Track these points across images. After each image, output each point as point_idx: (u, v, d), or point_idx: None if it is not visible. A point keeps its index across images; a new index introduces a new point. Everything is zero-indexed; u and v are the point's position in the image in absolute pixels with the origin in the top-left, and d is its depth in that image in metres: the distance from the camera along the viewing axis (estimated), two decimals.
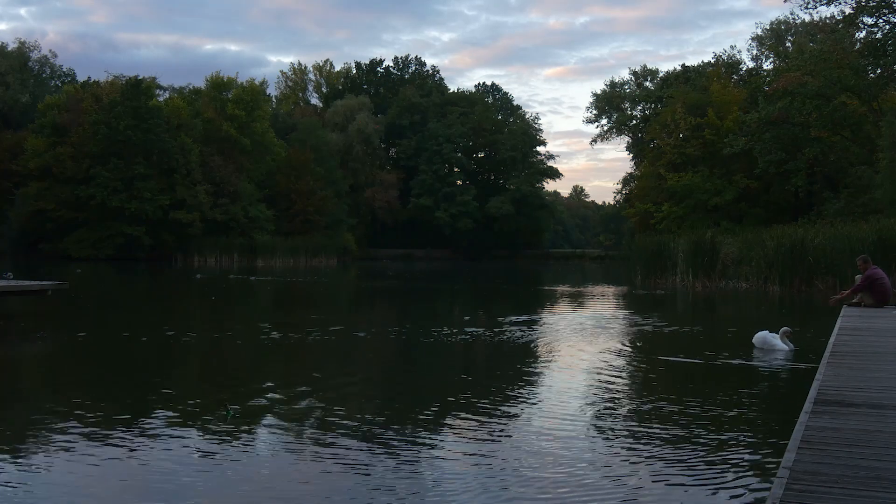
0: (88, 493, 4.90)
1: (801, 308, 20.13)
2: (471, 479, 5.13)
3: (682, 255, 29.17)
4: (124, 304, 21.43)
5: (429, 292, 28.08)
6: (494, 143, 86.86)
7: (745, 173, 45.55)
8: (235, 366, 10.28)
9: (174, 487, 4.95)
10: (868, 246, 21.72)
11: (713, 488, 4.93)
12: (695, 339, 13.36)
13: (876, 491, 3.17)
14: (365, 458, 5.56)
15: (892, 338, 8.61)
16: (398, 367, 10.74)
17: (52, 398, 7.77)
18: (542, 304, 22.13)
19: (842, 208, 35.75)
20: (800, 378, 8.70)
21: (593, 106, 72.72)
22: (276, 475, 5.22)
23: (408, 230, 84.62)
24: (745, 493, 4.85)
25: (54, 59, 77.65)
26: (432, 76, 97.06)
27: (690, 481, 5.07)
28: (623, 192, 71.41)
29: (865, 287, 12.89)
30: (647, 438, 6.16)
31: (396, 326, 15.47)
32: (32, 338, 12.54)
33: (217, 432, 6.26)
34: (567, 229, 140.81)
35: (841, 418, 4.47)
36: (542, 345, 11.99)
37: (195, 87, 69.21)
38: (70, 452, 5.69)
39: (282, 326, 14.28)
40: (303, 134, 71.68)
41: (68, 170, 55.40)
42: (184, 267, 47.08)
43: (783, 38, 57.91)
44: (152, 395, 7.79)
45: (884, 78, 38.38)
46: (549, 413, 7.10)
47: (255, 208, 62.06)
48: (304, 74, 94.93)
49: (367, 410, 7.50)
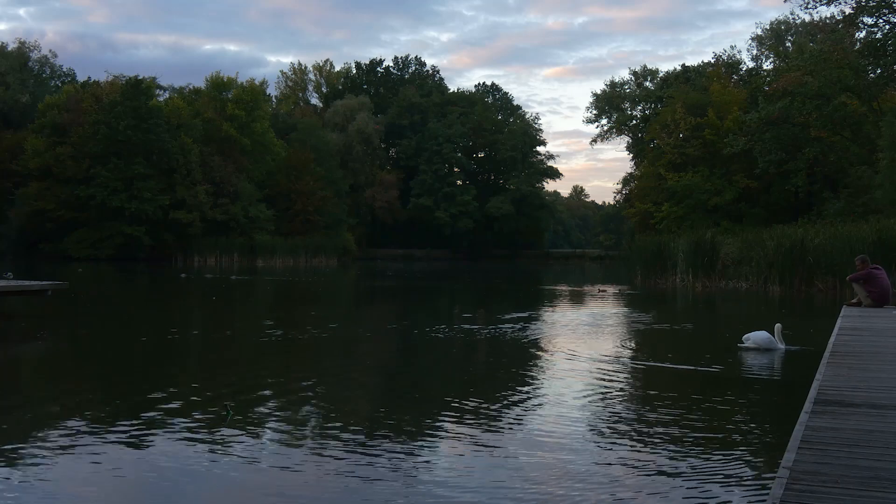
0: (88, 493, 4.89)
1: (801, 308, 20.12)
2: (471, 478, 5.13)
3: (682, 255, 29.17)
4: (124, 303, 21.42)
5: (429, 292, 28.07)
6: (494, 143, 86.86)
7: (745, 173, 45.54)
8: (235, 365, 10.28)
9: (174, 487, 4.95)
10: (868, 246, 21.71)
11: (713, 488, 4.93)
12: (694, 338, 13.36)
13: (876, 491, 3.17)
14: (365, 458, 5.56)
15: (892, 338, 8.61)
16: (398, 367, 10.74)
17: (52, 398, 7.77)
18: (541, 303, 22.12)
19: (842, 208, 35.73)
20: (799, 378, 8.69)
21: (593, 106, 72.68)
22: (275, 475, 5.21)
23: (408, 230, 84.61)
24: (745, 493, 4.85)
25: (54, 59, 77.66)
26: (432, 76, 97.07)
27: (690, 481, 5.06)
28: (623, 192, 71.37)
29: (865, 276, 12.90)
30: (647, 438, 6.15)
31: (396, 326, 15.48)
32: (33, 338, 12.54)
33: (217, 432, 6.26)
34: (567, 229, 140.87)
35: (841, 418, 4.47)
36: (541, 344, 11.97)
37: (195, 87, 69.27)
38: (70, 452, 5.69)
39: (282, 325, 14.28)
40: (303, 134, 71.67)
41: (68, 170, 55.39)
42: (184, 267, 47.07)
43: (783, 38, 57.90)
44: (152, 394, 7.79)
45: (884, 78, 38.36)
46: (548, 413, 7.10)
47: (255, 208, 62.07)
48: (304, 74, 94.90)
49: (367, 410, 7.50)
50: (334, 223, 69.37)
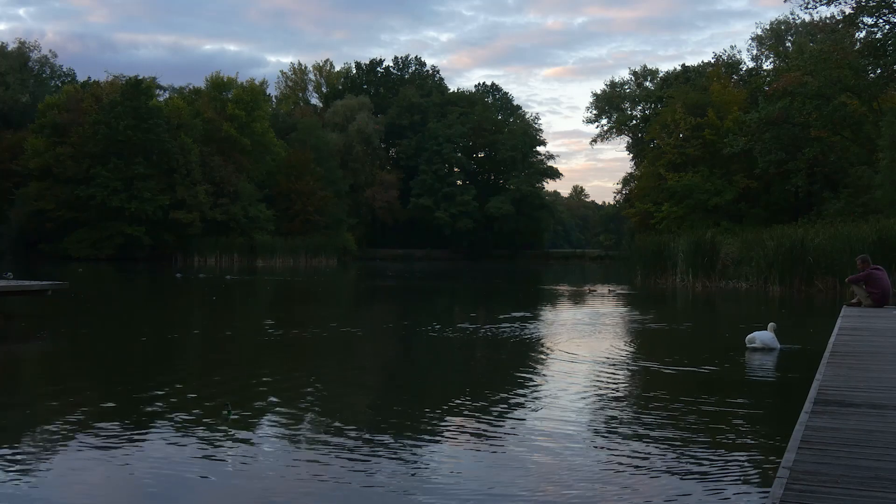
0: (88, 493, 4.90)
1: (801, 308, 20.12)
2: (471, 478, 5.13)
3: (682, 255, 29.17)
4: (124, 303, 21.42)
5: (428, 292, 28.07)
6: (494, 143, 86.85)
7: (745, 173, 45.53)
8: (235, 365, 10.28)
9: (174, 487, 4.96)
10: (868, 246, 21.71)
11: (713, 488, 4.93)
12: (694, 338, 13.36)
13: (876, 491, 3.17)
14: (365, 458, 5.56)
15: (892, 338, 8.61)
16: (398, 366, 10.75)
17: (53, 398, 7.77)
18: (541, 303, 22.12)
19: (842, 208, 35.74)
20: (799, 378, 8.69)
21: (593, 106, 72.64)
22: (275, 475, 5.22)
23: (408, 230, 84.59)
24: (746, 493, 4.85)
25: (54, 59, 77.63)
26: (432, 76, 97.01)
27: (690, 481, 5.07)
28: (623, 192, 71.32)
29: (866, 277, 12.90)
30: (647, 438, 6.15)
31: (396, 326, 15.47)
32: (33, 338, 12.54)
33: (217, 432, 6.26)
34: (567, 229, 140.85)
35: (841, 418, 4.47)
36: (541, 344, 11.97)
37: (195, 87, 69.22)
38: (70, 452, 5.69)
39: (282, 325, 14.28)
40: (303, 134, 71.65)
41: (68, 170, 55.35)
42: (184, 266, 47.07)
43: (783, 38, 57.86)
44: (152, 394, 7.79)
45: (884, 78, 38.35)
46: (548, 413, 7.10)
47: (255, 208, 62.04)
48: (304, 74, 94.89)
49: (367, 409, 7.50)
50: (334, 223, 69.35)
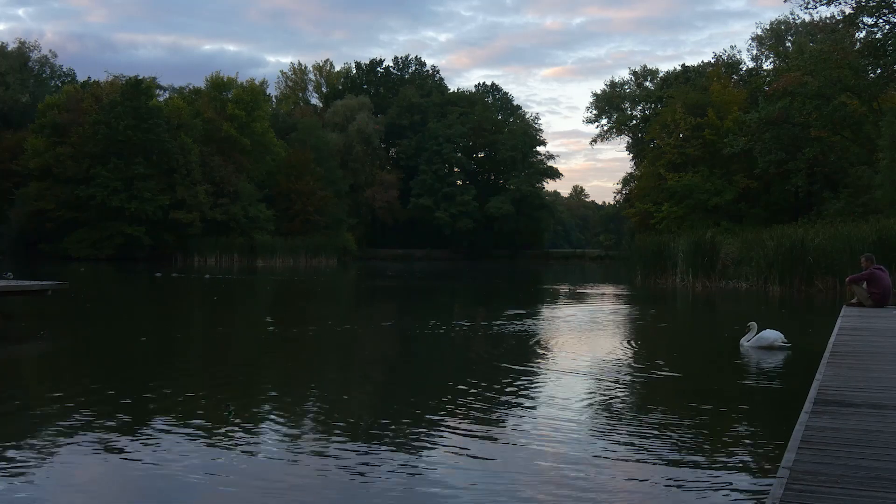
0: (89, 493, 4.90)
1: (801, 308, 20.12)
2: (470, 477, 5.13)
3: (682, 255, 29.17)
4: (124, 303, 21.42)
5: (428, 292, 28.07)
6: (494, 143, 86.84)
7: (745, 173, 45.52)
8: (235, 365, 10.28)
9: (174, 487, 4.96)
10: (868, 246, 21.71)
11: (713, 488, 4.93)
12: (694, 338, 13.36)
13: (876, 491, 3.17)
14: (365, 457, 5.56)
15: (892, 338, 8.61)
16: (398, 366, 10.74)
17: (53, 398, 7.77)
18: (540, 303, 22.12)
19: (842, 208, 35.73)
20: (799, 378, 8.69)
21: (593, 106, 72.65)
22: (276, 474, 5.22)
23: (408, 230, 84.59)
24: (746, 493, 4.85)
25: (54, 59, 77.66)
26: (432, 76, 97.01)
27: (690, 481, 5.07)
28: (623, 192, 71.33)
29: (868, 277, 12.88)
30: (646, 438, 6.15)
31: (396, 325, 15.47)
32: (33, 338, 12.54)
33: (217, 432, 6.26)
34: (567, 229, 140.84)
35: (841, 418, 4.47)
36: (540, 344, 11.97)
37: (195, 87, 69.25)
38: (70, 452, 5.69)
39: (282, 324, 14.28)
40: (303, 134, 71.65)
41: (68, 170, 55.36)
42: (184, 266, 47.06)
43: (783, 38, 57.86)
44: (152, 394, 7.79)
45: (884, 78, 38.35)
46: (548, 413, 7.09)
47: (255, 208, 62.05)
48: (304, 74, 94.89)
49: (367, 409, 7.50)
50: (334, 223, 69.35)
